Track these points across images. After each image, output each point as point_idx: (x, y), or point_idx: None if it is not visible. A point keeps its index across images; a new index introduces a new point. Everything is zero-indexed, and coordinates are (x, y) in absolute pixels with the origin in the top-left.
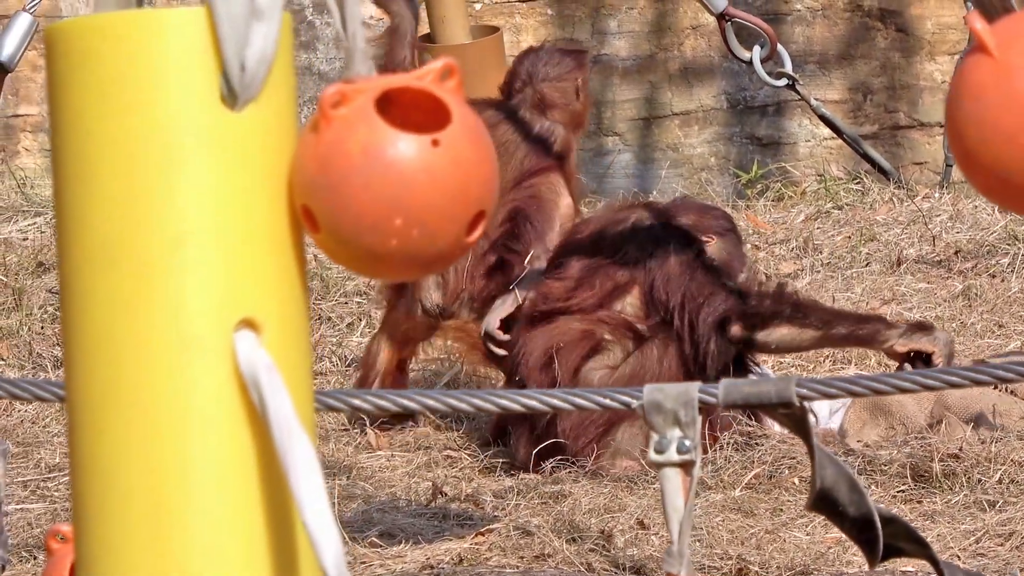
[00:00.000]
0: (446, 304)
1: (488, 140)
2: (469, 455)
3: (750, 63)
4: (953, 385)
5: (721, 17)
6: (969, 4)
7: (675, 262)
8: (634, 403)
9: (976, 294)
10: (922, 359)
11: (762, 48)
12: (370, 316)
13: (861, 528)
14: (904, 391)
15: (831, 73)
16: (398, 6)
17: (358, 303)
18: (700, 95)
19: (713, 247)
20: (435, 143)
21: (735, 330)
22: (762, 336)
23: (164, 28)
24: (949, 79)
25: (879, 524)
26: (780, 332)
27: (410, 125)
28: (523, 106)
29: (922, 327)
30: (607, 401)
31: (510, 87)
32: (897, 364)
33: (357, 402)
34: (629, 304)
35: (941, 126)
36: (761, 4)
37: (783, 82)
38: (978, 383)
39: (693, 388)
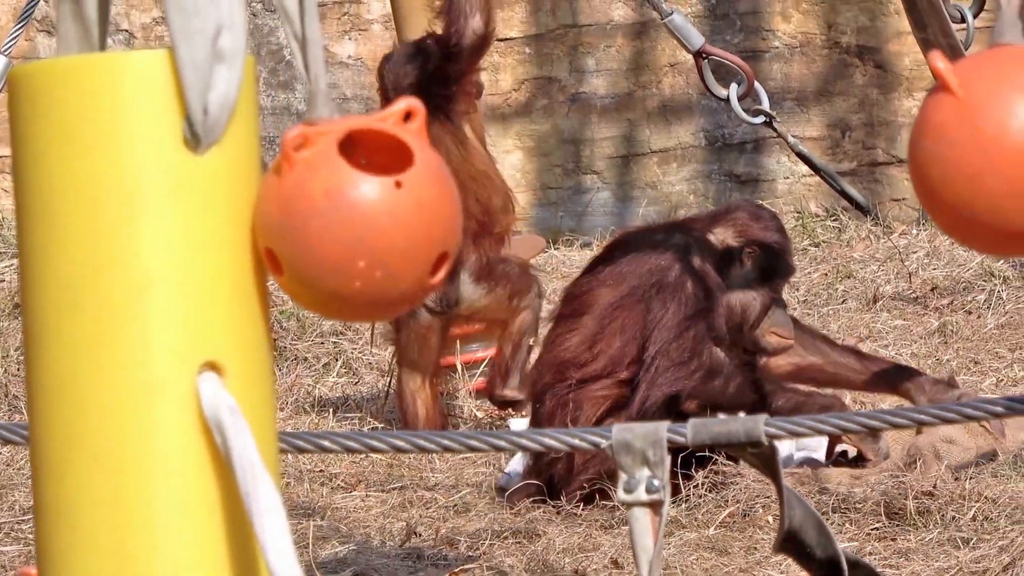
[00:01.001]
0: (445, 293)
1: (451, 181)
2: (444, 494)
3: (728, 100)
4: (920, 423)
5: (698, 55)
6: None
7: (673, 314)
8: (603, 443)
9: (952, 331)
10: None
11: (739, 85)
12: (346, 356)
13: (828, 570)
14: (873, 429)
15: (809, 110)
16: None
17: (334, 343)
18: (678, 132)
19: (750, 262)
20: (398, 185)
21: (686, 406)
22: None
23: (126, 71)
24: None
25: (845, 567)
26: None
27: (373, 167)
28: None
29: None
30: (576, 441)
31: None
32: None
33: (326, 443)
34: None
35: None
36: (739, 41)
37: (761, 119)
38: (947, 421)
39: (662, 428)
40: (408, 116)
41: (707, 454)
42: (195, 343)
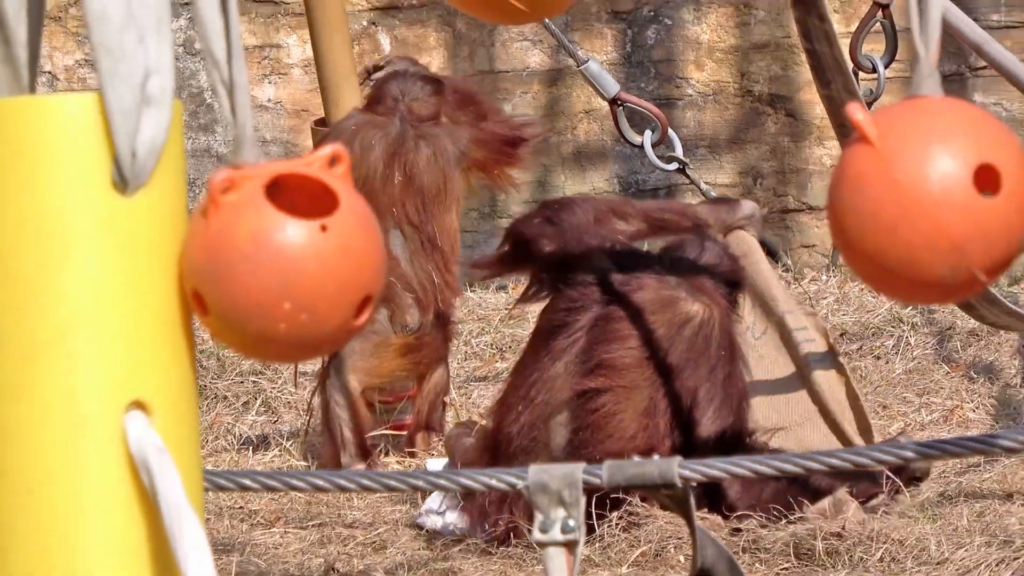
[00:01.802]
0: (424, 318)
1: (376, 225)
2: (363, 531)
3: (642, 147)
4: (833, 468)
5: (613, 102)
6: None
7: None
8: (519, 484)
9: (861, 375)
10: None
11: (653, 132)
12: (266, 395)
13: None
14: (785, 473)
15: (722, 157)
16: None
17: (254, 382)
18: (592, 178)
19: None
20: (323, 228)
21: None
22: None
23: (55, 114)
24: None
25: None
26: None
27: (299, 210)
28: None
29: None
30: (492, 482)
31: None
32: None
33: (247, 481)
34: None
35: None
36: (653, 89)
37: (674, 166)
38: (859, 466)
39: (578, 469)
40: (334, 161)
41: (620, 495)
42: (122, 382)
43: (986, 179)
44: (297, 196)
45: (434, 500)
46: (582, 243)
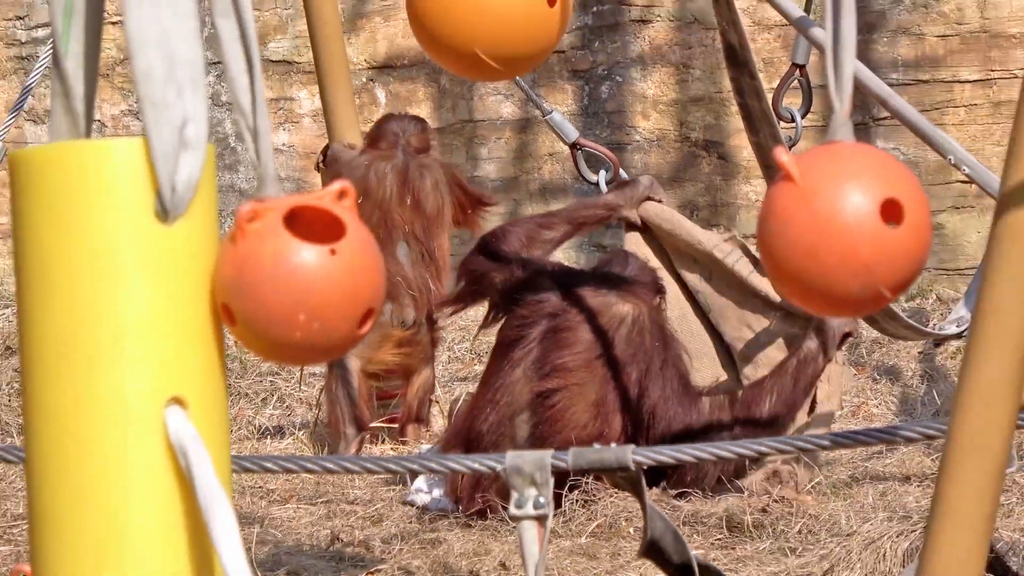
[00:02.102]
0: (418, 318)
1: (376, 249)
2: (363, 507)
3: (597, 184)
4: (761, 453)
5: (573, 146)
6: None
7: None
8: (498, 467)
9: None
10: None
11: (607, 172)
12: (281, 392)
13: (683, 572)
14: (721, 459)
15: (665, 192)
16: None
17: (271, 381)
18: (555, 209)
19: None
20: (333, 252)
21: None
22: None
23: (107, 156)
24: (761, 198)
25: (697, 570)
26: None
27: (312, 236)
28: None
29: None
30: (475, 465)
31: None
32: None
33: (268, 464)
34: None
35: (754, 237)
36: (606, 135)
37: None
38: (782, 452)
39: (547, 455)
40: (342, 195)
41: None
42: (163, 382)
43: (891, 212)
44: (311, 225)
45: (422, 481)
46: (526, 268)
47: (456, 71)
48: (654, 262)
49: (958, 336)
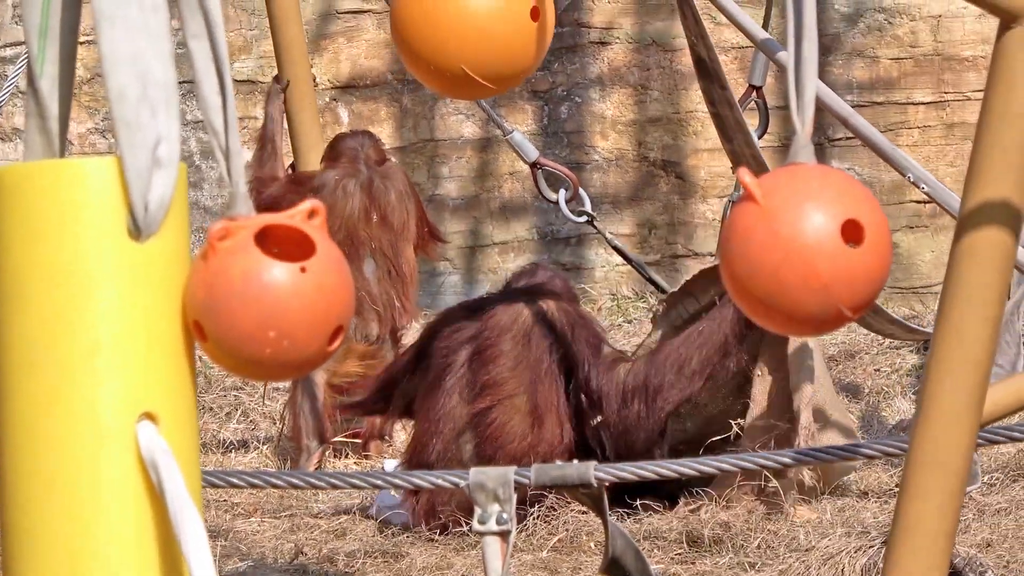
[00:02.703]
0: (381, 334)
1: (346, 267)
2: (326, 521)
3: (557, 203)
4: (721, 471)
5: (533, 165)
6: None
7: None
8: (462, 483)
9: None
10: None
11: (567, 191)
12: (245, 406)
13: None
14: (681, 475)
15: (623, 211)
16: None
17: (234, 395)
18: (515, 228)
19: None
20: (303, 270)
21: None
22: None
23: (81, 175)
24: (718, 217)
25: None
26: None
27: (283, 254)
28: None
29: None
30: (439, 481)
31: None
32: None
33: (234, 479)
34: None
35: (711, 255)
36: (566, 155)
37: (583, 219)
38: (744, 469)
39: (510, 471)
40: (312, 214)
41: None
42: (135, 397)
43: (852, 232)
44: (281, 243)
45: (385, 496)
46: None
47: (442, 89)
48: None
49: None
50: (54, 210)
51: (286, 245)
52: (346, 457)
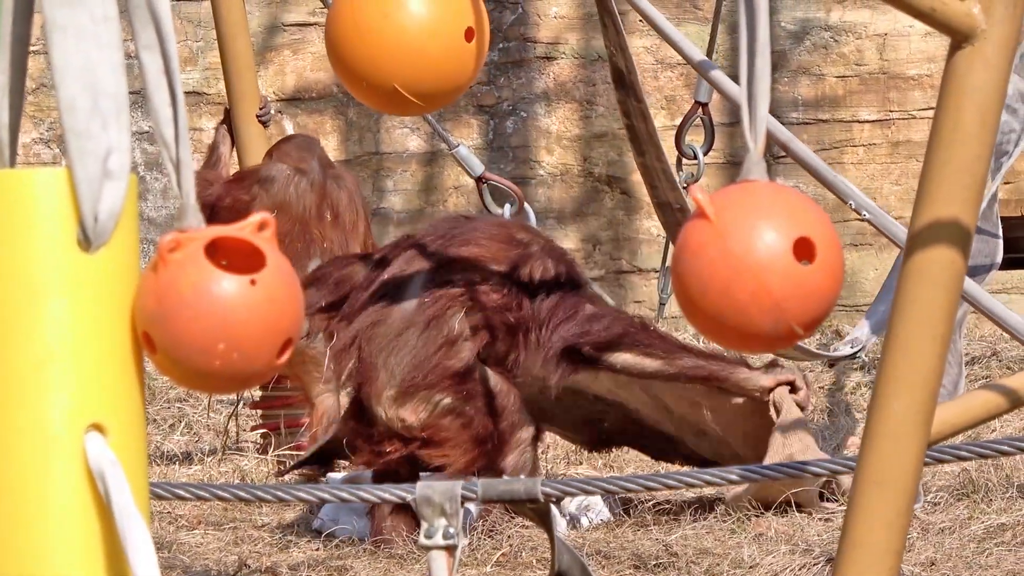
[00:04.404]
0: (313, 331)
1: (296, 280)
2: (270, 534)
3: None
4: (668, 487)
5: (479, 180)
6: (681, 174)
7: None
8: (408, 497)
9: None
10: (790, 390)
11: (512, 206)
12: (189, 418)
13: None
14: (628, 491)
15: (567, 227)
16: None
17: (178, 407)
18: None
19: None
20: (253, 283)
21: (585, 351)
22: (607, 358)
23: (31, 185)
24: (663, 233)
25: None
26: (624, 357)
27: (233, 267)
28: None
29: (775, 363)
30: (386, 495)
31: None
32: (765, 403)
33: (180, 491)
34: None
35: (655, 271)
36: (511, 169)
37: None
38: (690, 485)
39: (457, 485)
40: (262, 227)
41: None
42: (84, 408)
43: (803, 250)
44: (231, 255)
45: (328, 509)
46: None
47: (375, 106)
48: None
49: (852, 357)
50: (4, 220)
51: (236, 257)
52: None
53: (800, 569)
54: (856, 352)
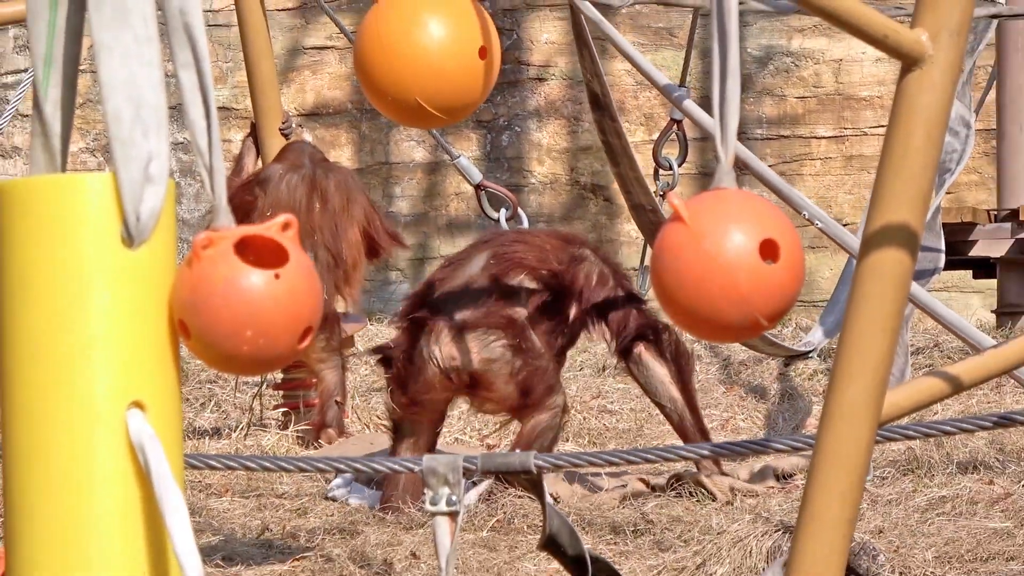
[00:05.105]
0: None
1: (315, 274)
2: (290, 501)
3: (498, 221)
4: (648, 461)
5: (477, 187)
6: (658, 183)
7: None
8: (416, 468)
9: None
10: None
11: (507, 210)
12: (218, 398)
13: (576, 563)
14: (611, 464)
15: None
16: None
17: (209, 388)
18: (460, 243)
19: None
20: (277, 276)
21: (623, 344)
22: (646, 360)
23: (81, 188)
24: (642, 236)
25: (589, 561)
26: (659, 371)
27: (259, 262)
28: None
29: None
30: (396, 467)
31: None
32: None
33: (211, 462)
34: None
35: (635, 269)
36: (506, 178)
37: None
38: (666, 460)
39: (459, 458)
40: (286, 227)
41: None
42: (126, 387)
43: (769, 251)
44: (258, 252)
45: (340, 479)
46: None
47: (399, 118)
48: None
49: (806, 355)
50: (56, 220)
51: (262, 254)
52: (307, 448)
53: (762, 536)
54: (810, 352)
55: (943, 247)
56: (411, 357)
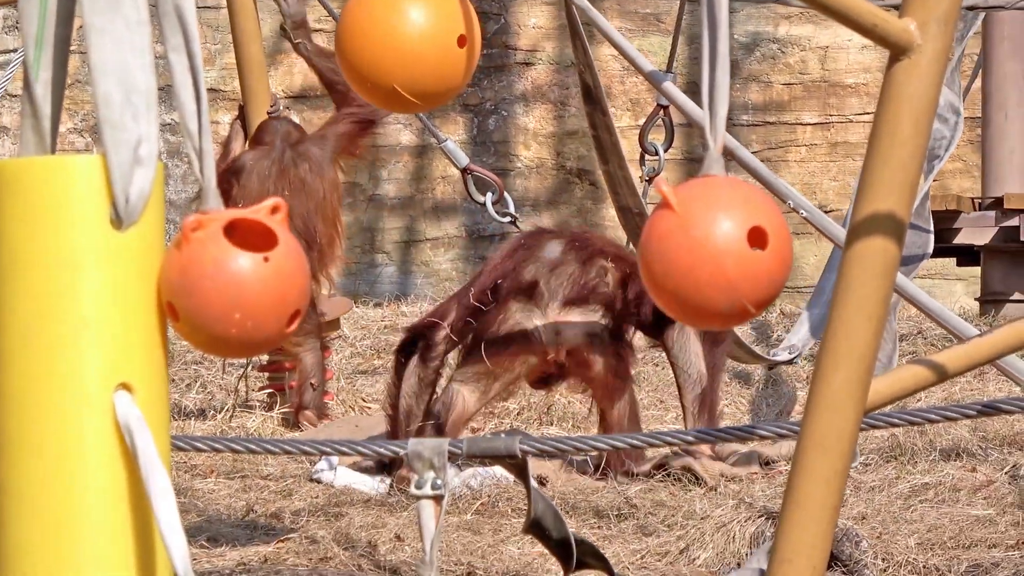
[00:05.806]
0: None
1: (303, 257)
2: (275, 483)
3: (484, 205)
4: (633, 446)
5: (464, 170)
6: (644, 168)
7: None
8: (401, 452)
9: (644, 378)
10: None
11: (493, 194)
12: (203, 379)
13: (560, 546)
14: (596, 449)
15: (542, 213)
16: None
17: (194, 369)
18: (446, 226)
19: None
20: (266, 259)
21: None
22: (687, 332)
23: (70, 170)
24: None
25: (574, 544)
26: (696, 347)
27: (248, 245)
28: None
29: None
30: (381, 450)
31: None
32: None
33: (198, 444)
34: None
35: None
36: (493, 162)
37: (508, 219)
38: (652, 445)
39: (444, 443)
40: (275, 210)
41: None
42: (114, 369)
43: (756, 238)
44: (247, 235)
45: (324, 461)
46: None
47: (377, 103)
48: None
49: (789, 362)
50: (46, 201)
51: (251, 237)
52: (294, 429)
53: (746, 521)
54: (793, 359)
55: (932, 232)
56: (499, 333)
